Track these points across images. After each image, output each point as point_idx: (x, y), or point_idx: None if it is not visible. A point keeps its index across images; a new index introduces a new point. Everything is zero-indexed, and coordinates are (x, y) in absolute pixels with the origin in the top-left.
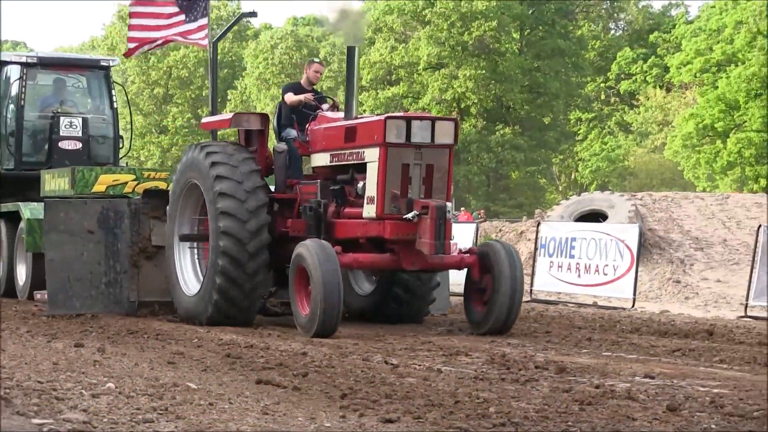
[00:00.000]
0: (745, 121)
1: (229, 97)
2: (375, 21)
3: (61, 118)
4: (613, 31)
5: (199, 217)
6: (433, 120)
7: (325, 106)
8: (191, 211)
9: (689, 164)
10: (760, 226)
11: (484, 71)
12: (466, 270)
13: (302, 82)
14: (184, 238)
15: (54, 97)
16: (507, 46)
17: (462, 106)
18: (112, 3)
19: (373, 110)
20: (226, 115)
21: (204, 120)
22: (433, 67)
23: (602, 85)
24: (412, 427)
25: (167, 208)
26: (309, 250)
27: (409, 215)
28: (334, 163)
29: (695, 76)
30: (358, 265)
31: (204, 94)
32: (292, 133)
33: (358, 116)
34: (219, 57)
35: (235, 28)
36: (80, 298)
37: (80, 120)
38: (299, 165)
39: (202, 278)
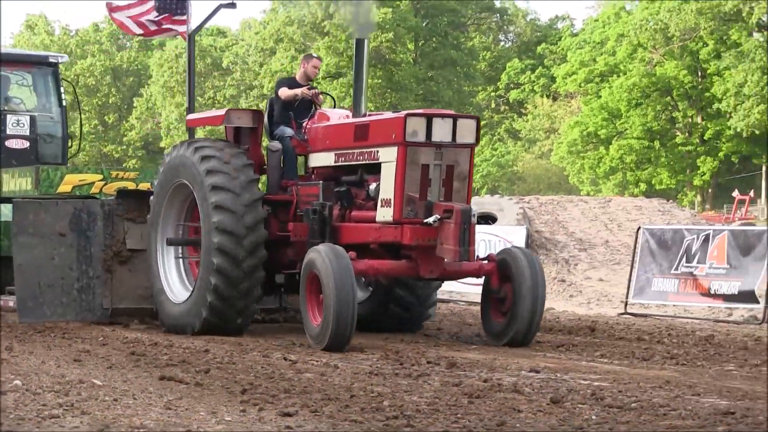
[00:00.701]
0: (627, 129)
1: (134, 105)
2: (276, 32)
3: (8, 116)
4: (502, 43)
5: (184, 224)
6: (455, 117)
7: (318, 101)
8: (177, 213)
9: (574, 169)
10: (639, 228)
11: (380, 80)
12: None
13: (298, 76)
14: (171, 242)
15: None
16: (402, 56)
17: None
18: (20, 12)
19: None
20: (218, 111)
21: (190, 117)
22: (332, 76)
23: (492, 94)
24: (309, 420)
25: (150, 209)
26: (322, 256)
27: (430, 219)
28: (339, 163)
29: (580, 86)
30: (374, 272)
31: (111, 102)
32: (288, 131)
33: (369, 113)
34: (125, 66)
35: (140, 38)
36: (51, 305)
37: (28, 118)
38: (294, 165)
39: (189, 285)
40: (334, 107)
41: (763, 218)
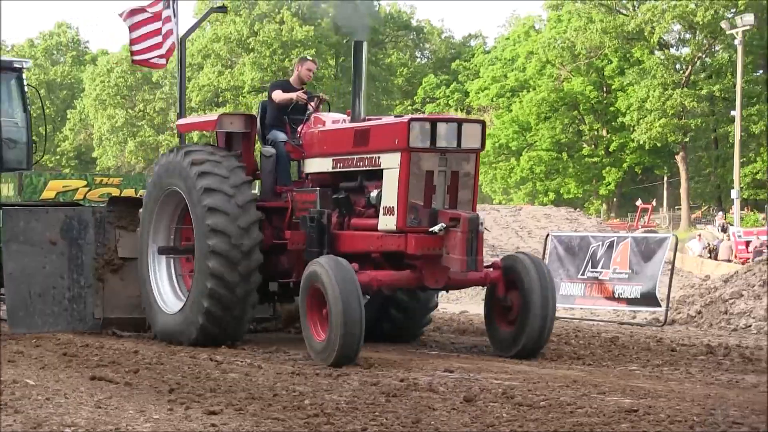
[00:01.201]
0: (536, 141)
1: (68, 116)
2: (203, 48)
3: None
4: (419, 60)
5: (177, 227)
6: (460, 122)
7: (312, 105)
8: (168, 219)
9: (487, 179)
10: (548, 234)
11: None
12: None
13: (292, 80)
14: (163, 251)
15: None
16: (324, 71)
17: None
18: None
19: None
20: (209, 116)
21: (180, 121)
22: (257, 90)
23: (409, 108)
24: (234, 419)
25: (140, 215)
26: (324, 268)
27: (436, 228)
28: (337, 169)
29: (492, 101)
30: (378, 283)
31: (48, 112)
32: (281, 135)
33: (368, 117)
34: (59, 79)
35: (74, 52)
36: (42, 315)
37: None
38: (288, 170)
39: (182, 295)
40: (329, 111)
41: (664, 226)
